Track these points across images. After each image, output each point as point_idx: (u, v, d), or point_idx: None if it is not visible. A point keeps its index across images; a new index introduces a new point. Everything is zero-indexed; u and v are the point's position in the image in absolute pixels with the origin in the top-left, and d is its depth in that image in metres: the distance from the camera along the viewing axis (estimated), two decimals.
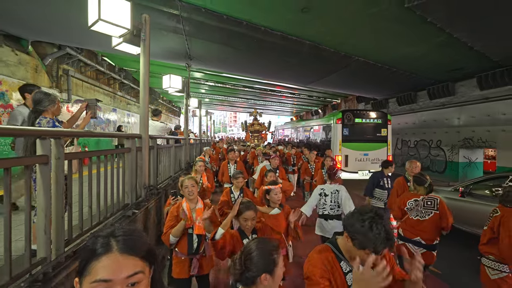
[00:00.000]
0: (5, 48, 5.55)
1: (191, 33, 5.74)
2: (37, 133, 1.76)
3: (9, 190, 1.34)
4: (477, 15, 4.79)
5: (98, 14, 2.86)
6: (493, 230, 2.15)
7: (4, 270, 1.35)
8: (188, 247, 2.28)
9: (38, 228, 1.65)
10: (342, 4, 4.53)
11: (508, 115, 7.98)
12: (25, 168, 1.55)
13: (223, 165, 5.09)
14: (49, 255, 1.67)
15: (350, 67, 7.90)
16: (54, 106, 2.12)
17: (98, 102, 2.76)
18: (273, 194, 2.51)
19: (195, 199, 2.40)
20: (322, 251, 1.27)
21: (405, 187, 3.45)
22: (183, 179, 2.45)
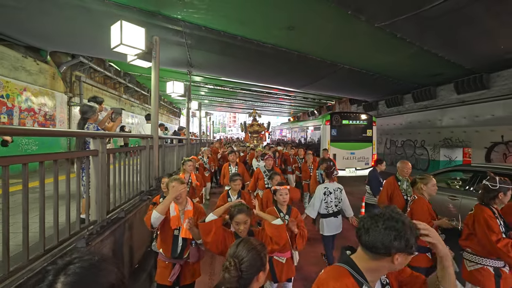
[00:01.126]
0: (29, 59, 6.29)
1: (192, 46, 6.50)
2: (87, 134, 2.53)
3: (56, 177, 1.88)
4: (441, 32, 5.54)
5: (120, 39, 3.62)
6: (468, 226, 2.29)
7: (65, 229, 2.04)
8: (171, 250, 2.15)
9: (91, 200, 2.41)
10: (320, 24, 5.29)
11: (481, 117, 8.76)
12: (77, 159, 2.29)
13: (224, 168, 5.02)
14: (98, 219, 2.43)
15: (336, 74, 8.67)
16: (95, 115, 2.88)
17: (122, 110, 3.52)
18: (278, 195, 2.45)
19: (184, 201, 2.26)
20: (339, 277, 1.01)
21: (395, 187, 3.47)
22: (167, 180, 2.25)
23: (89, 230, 2.26)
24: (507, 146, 7.96)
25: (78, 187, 2.32)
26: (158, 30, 5.44)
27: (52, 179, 1.83)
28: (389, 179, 3.60)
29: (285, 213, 2.48)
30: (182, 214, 2.19)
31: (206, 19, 5.19)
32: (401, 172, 3.52)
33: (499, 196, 2.20)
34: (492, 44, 6.07)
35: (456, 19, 4.90)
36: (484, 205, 2.25)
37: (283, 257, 2.39)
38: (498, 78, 8.20)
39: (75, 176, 2.32)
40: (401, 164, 3.58)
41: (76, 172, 2.37)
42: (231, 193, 3.14)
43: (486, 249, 2.14)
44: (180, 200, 2.21)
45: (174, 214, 2.17)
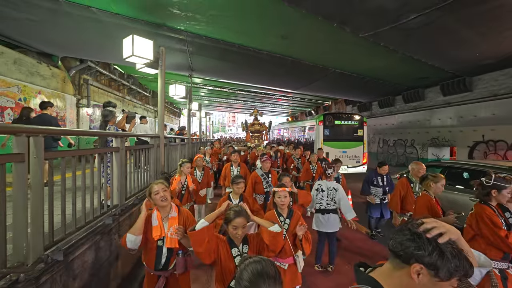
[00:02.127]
0: (42, 65, 6.81)
1: (193, 52, 7.04)
2: (109, 134, 3.07)
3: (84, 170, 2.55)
4: (420, 41, 6.07)
5: (132, 51, 4.16)
6: (472, 227, 2.21)
7: (97, 210, 2.61)
8: (155, 262, 2.00)
9: (114, 188, 2.95)
10: (310, 34, 5.83)
11: (465, 118, 9.32)
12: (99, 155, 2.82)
13: (226, 168, 4.82)
14: (119, 203, 2.98)
15: (328, 77, 9.21)
16: (114, 118, 3.42)
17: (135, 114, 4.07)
18: (276, 197, 2.32)
19: (168, 206, 2.09)
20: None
21: (408, 188, 3.39)
22: (150, 186, 2.09)
23: (113, 211, 2.80)
24: (487, 145, 8.53)
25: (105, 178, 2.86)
26: (162, 39, 5.98)
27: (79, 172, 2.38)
28: (402, 180, 3.48)
29: (286, 217, 2.33)
30: (166, 222, 2.01)
31: (207, 29, 5.72)
32: (416, 174, 3.38)
33: (492, 193, 2.18)
34: (467, 51, 6.62)
35: (431, 30, 5.43)
36: (482, 203, 2.23)
37: (284, 263, 2.29)
38: (479, 82, 8.76)
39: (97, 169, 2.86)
40: (416, 165, 3.43)
41: (99, 166, 2.91)
42: (233, 197, 2.93)
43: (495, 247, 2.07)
44: (165, 203, 2.03)
45: (156, 223, 1.98)
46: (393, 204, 3.43)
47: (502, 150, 8.08)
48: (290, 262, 2.30)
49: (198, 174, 4.77)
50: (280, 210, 2.35)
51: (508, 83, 7.89)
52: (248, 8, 4.76)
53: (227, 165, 4.86)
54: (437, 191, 2.68)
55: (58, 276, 1.77)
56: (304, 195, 3.03)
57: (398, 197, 3.39)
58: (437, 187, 2.67)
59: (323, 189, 3.35)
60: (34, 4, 4.51)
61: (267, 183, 4.06)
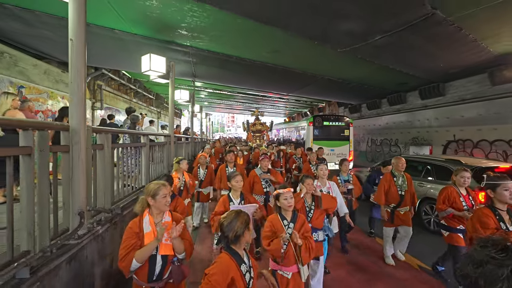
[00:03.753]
0: (65, 73, 7.83)
1: (196, 62, 8.07)
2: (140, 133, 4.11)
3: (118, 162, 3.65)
4: (391, 54, 7.10)
5: (149, 66, 5.18)
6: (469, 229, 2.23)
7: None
8: (148, 273, 1.80)
9: (142, 173, 3.98)
10: (298, 49, 6.86)
11: (439, 120, 10.39)
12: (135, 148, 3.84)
13: (221, 169, 4.48)
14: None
15: (318, 82, 10.27)
16: (139, 120, 4.44)
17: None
18: (282, 199, 2.17)
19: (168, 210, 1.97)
20: None
21: (391, 182, 3.55)
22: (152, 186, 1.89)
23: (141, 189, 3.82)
24: (457, 144, 9.60)
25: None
26: (171, 53, 7.02)
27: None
28: (386, 175, 3.66)
29: (290, 221, 2.18)
30: (159, 227, 1.83)
31: (209, 45, 6.76)
32: (396, 168, 3.58)
33: (489, 194, 2.19)
34: (433, 63, 7.68)
35: (398, 46, 6.47)
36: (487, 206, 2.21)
37: (288, 272, 2.14)
38: (451, 87, 9.83)
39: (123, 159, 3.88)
40: (395, 160, 3.63)
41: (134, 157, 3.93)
42: (233, 196, 2.75)
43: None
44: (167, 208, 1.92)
45: (149, 229, 1.81)
46: (378, 197, 3.61)
47: (469, 148, 9.15)
48: (294, 270, 2.12)
49: (201, 172, 4.85)
50: (284, 213, 2.20)
51: (474, 89, 8.96)
52: (244, 30, 5.79)
53: (222, 167, 4.54)
54: (459, 182, 2.83)
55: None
56: (329, 199, 2.74)
57: (382, 190, 3.55)
58: (457, 179, 2.84)
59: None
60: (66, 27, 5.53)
61: (267, 183, 3.96)
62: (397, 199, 3.50)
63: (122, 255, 1.72)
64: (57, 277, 1.74)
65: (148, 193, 1.88)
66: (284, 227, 2.16)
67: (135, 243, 1.76)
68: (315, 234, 2.59)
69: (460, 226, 2.79)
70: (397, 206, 3.50)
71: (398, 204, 3.50)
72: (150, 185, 1.91)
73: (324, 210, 2.70)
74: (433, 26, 5.34)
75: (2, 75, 5.64)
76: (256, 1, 4.59)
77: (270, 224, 2.17)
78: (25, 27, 5.43)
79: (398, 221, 3.53)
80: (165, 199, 1.87)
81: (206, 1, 4.54)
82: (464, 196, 2.83)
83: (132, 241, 1.76)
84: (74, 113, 2.12)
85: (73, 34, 2.14)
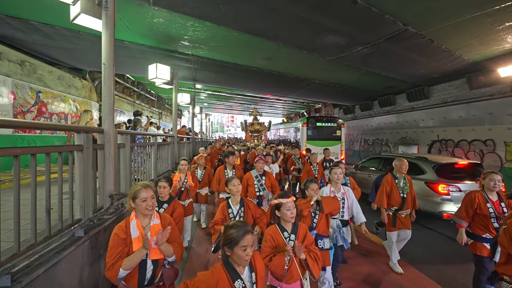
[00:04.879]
0: (76, 78, 8.49)
1: (197, 68, 8.74)
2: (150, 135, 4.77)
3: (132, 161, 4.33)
4: (375, 61, 7.77)
5: (155, 74, 5.84)
6: (504, 245, 1.96)
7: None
8: (139, 279, 1.72)
9: (152, 168, 4.64)
10: (290, 57, 7.53)
11: (425, 121, 11.06)
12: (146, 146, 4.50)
13: (220, 171, 4.32)
14: (155, 178, 4.66)
15: (310, 86, 10.94)
16: (140, 123, 5.11)
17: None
18: (284, 210, 1.95)
19: (151, 214, 1.86)
20: None
21: (393, 184, 3.44)
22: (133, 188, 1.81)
23: (154, 180, 4.49)
24: (440, 143, 10.27)
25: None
26: (174, 60, 7.68)
27: None
28: (387, 177, 3.56)
29: (290, 232, 1.97)
30: (148, 231, 1.79)
31: (208, 54, 7.42)
32: (399, 170, 3.48)
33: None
34: (414, 69, 8.35)
35: (381, 55, 7.13)
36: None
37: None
38: (435, 91, 10.51)
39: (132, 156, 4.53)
40: (398, 161, 3.51)
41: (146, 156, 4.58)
42: (232, 202, 2.62)
43: None
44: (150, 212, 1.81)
45: (137, 234, 1.75)
46: (379, 200, 3.50)
47: (451, 147, 9.82)
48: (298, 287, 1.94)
49: (199, 173, 4.77)
50: (283, 224, 1.98)
51: (454, 93, 9.63)
52: (239, 41, 6.44)
53: (220, 168, 4.37)
54: (487, 186, 2.60)
55: None
56: (330, 201, 2.50)
57: (384, 193, 3.45)
58: (486, 182, 2.62)
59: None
60: (83, 38, 6.18)
61: (261, 186, 3.75)
62: (399, 201, 3.39)
63: (109, 264, 1.62)
64: (98, 240, 2.40)
65: (129, 195, 1.79)
66: (285, 239, 1.92)
67: (121, 251, 1.66)
68: (321, 242, 2.41)
69: (486, 235, 2.55)
70: (399, 209, 3.41)
71: (400, 207, 3.40)
72: (134, 186, 1.83)
73: (328, 214, 2.47)
74: (408, 39, 6.01)
75: (24, 82, 6.30)
76: (249, 18, 5.26)
77: (270, 238, 1.92)
78: (44, 38, 6.09)
79: (400, 224, 3.41)
80: (145, 203, 1.74)
81: (206, 19, 5.21)
82: (494, 202, 2.55)
83: (118, 248, 1.66)
84: (106, 119, 2.78)
85: (106, 60, 2.79)
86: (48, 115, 7.18)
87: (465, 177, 4.86)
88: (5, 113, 5.72)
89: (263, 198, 3.77)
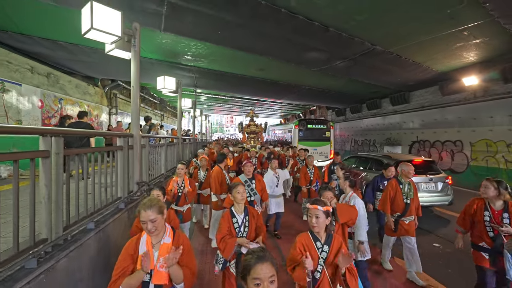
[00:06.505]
0: (90, 86, 9.50)
1: (198, 77, 9.77)
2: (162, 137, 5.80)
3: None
4: (355, 71, 8.79)
5: (163, 85, 6.83)
6: None
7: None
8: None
9: (162, 164, 5.67)
10: (279, 67, 8.57)
11: (406, 123, 12.11)
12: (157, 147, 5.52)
13: (219, 172, 4.23)
14: (164, 172, 5.70)
15: (301, 91, 11.99)
16: (155, 127, 6.12)
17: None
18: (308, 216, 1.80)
19: (162, 231, 1.69)
20: None
21: (397, 189, 3.33)
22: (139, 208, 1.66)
23: (164, 175, 5.51)
24: (419, 144, 11.32)
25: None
26: (178, 71, 8.71)
27: None
28: (391, 181, 3.43)
29: (324, 243, 1.79)
30: (157, 249, 1.64)
31: (208, 65, 8.46)
32: (406, 174, 3.36)
33: None
34: (391, 78, 9.40)
35: (358, 67, 8.16)
36: None
37: None
38: (414, 96, 11.56)
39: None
40: (405, 166, 3.39)
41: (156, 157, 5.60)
42: (236, 211, 2.41)
43: None
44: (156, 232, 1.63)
45: (144, 251, 1.59)
46: (383, 205, 3.38)
47: (427, 147, 10.87)
48: None
49: (201, 174, 4.74)
50: (317, 233, 1.81)
51: (429, 98, 10.69)
52: (235, 55, 7.44)
53: (218, 170, 4.28)
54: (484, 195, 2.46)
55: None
56: (346, 209, 2.36)
57: (388, 198, 3.33)
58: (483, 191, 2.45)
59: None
60: (99, 53, 7.17)
61: (251, 191, 3.60)
62: (402, 207, 3.26)
63: (112, 279, 1.56)
64: (131, 211, 3.42)
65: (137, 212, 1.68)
66: (317, 250, 1.76)
67: (126, 267, 1.59)
68: None
69: (482, 243, 2.42)
70: (402, 215, 3.27)
71: (402, 213, 3.26)
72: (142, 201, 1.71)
73: (344, 224, 2.29)
74: (379, 55, 7.05)
75: (49, 91, 7.31)
76: (243, 40, 6.29)
77: (300, 245, 1.77)
78: (67, 54, 7.10)
79: (402, 231, 3.26)
80: (145, 226, 1.61)
81: (207, 40, 6.24)
82: (494, 211, 2.38)
83: (124, 264, 1.60)
84: (134, 126, 3.79)
85: (134, 83, 3.81)
86: None
87: (418, 172, 5.87)
88: (35, 119, 6.73)
89: (254, 203, 3.61)
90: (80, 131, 4.88)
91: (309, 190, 5.27)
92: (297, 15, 4.98)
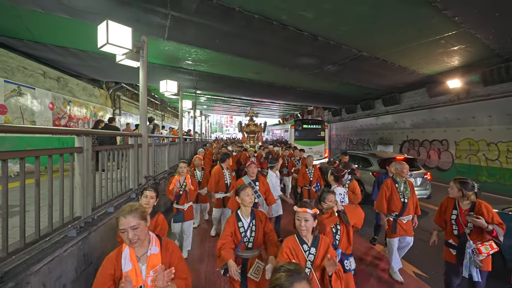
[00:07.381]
0: (95, 88, 10.02)
1: (198, 80, 10.30)
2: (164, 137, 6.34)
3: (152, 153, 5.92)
4: (346, 75, 9.31)
5: (166, 88, 7.36)
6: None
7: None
8: None
9: (165, 161, 6.21)
10: (275, 71, 9.09)
11: (397, 123, 12.65)
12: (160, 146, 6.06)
13: (219, 171, 4.32)
14: (168, 169, 6.24)
15: (296, 92, 12.52)
16: (158, 127, 6.64)
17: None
18: (295, 219, 1.80)
19: (146, 241, 1.47)
20: None
21: (393, 189, 3.34)
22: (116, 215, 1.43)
23: (167, 171, 6.04)
24: (409, 143, 11.86)
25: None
26: (179, 74, 9.23)
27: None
28: (387, 181, 3.43)
29: (310, 245, 1.77)
30: (144, 263, 1.43)
31: (208, 69, 8.99)
32: (400, 173, 3.36)
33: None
34: (381, 80, 9.92)
35: (348, 71, 8.69)
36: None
37: None
38: (404, 97, 12.10)
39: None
40: (399, 165, 3.38)
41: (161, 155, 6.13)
42: (242, 214, 2.26)
43: None
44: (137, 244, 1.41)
45: (130, 267, 1.39)
46: (379, 205, 3.38)
47: (416, 146, 11.41)
48: None
49: (198, 174, 4.83)
50: (302, 236, 1.78)
51: (418, 100, 11.22)
52: (232, 61, 7.98)
53: (218, 168, 4.36)
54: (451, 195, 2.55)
55: None
56: (353, 210, 2.32)
57: (383, 198, 3.33)
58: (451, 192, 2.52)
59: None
60: (107, 59, 7.70)
61: (255, 193, 3.49)
62: (400, 207, 3.27)
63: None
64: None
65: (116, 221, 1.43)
66: (304, 253, 1.75)
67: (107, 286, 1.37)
68: (347, 262, 2.21)
69: (450, 240, 2.55)
70: (399, 214, 3.28)
71: (400, 213, 3.27)
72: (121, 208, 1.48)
73: (352, 226, 2.24)
74: (366, 60, 7.58)
75: (59, 94, 7.84)
76: (240, 47, 6.81)
77: (288, 250, 1.75)
78: (77, 60, 7.62)
79: (401, 231, 3.27)
80: (125, 235, 1.38)
81: (206, 48, 6.77)
82: (462, 210, 2.47)
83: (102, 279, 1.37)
84: (142, 127, 4.32)
85: (142, 89, 4.34)
86: (75, 120, 8.72)
87: None
88: (47, 120, 7.25)
89: (258, 206, 3.47)
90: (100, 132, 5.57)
91: (309, 191, 5.14)
92: (288, 26, 5.52)
